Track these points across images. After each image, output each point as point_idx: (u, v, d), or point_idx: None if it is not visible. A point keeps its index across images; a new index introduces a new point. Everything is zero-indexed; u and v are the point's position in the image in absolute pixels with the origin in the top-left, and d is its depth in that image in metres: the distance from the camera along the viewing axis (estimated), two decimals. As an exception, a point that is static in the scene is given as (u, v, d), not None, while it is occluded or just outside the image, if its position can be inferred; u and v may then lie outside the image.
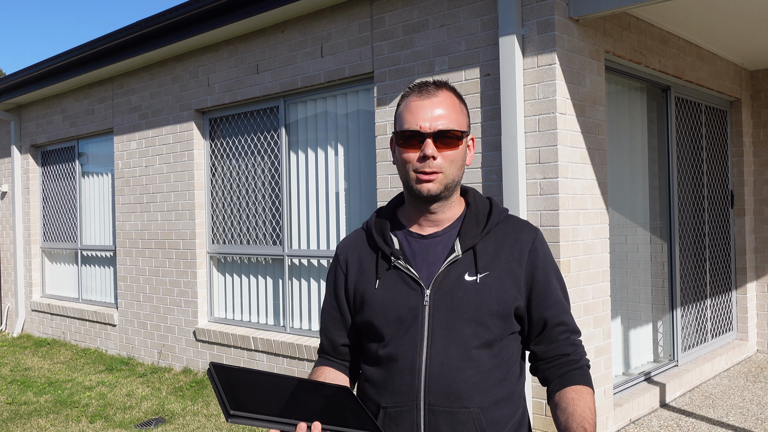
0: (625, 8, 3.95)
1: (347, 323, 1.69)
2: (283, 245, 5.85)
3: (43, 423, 5.09)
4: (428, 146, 1.51)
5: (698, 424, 4.65)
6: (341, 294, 1.68)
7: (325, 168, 5.60)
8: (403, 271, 1.58)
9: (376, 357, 1.60)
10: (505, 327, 1.56)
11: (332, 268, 1.73)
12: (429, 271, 1.57)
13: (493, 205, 1.65)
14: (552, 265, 1.62)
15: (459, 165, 1.56)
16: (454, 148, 1.53)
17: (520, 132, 4.07)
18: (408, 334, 1.54)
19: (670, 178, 5.60)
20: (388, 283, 1.59)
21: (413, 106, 1.55)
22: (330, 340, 1.71)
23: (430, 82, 1.58)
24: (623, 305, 5.31)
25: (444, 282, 1.55)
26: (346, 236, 1.75)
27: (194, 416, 5.11)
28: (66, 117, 8.10)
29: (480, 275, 1.55)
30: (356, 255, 1.67)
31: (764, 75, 6.64)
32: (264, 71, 5.73)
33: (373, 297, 1.59)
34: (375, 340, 1.60)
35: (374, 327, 1.59)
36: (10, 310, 9.31)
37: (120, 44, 6.50)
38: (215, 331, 6.17)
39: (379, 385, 1.58)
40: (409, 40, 4.70)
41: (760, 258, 6.66)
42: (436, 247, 1.59)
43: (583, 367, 1.59)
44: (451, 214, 1.62)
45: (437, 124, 1.52)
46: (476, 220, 1.61)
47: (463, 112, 1.59)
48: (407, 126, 1.54)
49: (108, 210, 7.81)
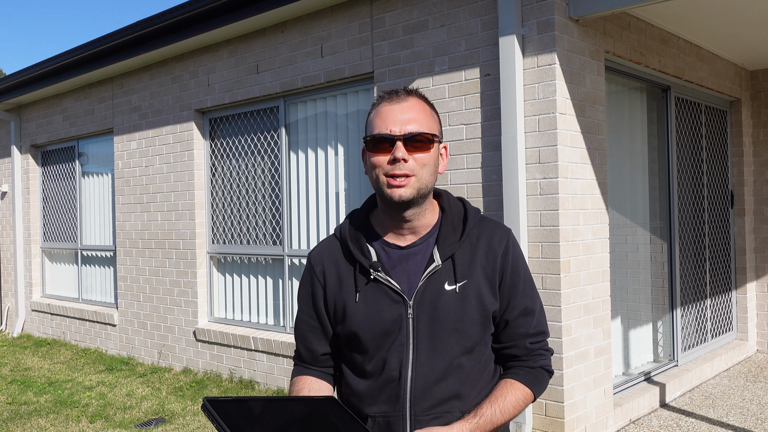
0: (625, 8, 3.96)
1: (328, 334, 1.67)
2: (283, 245, 5.86)
3: (43, 423, 5.09)
4: (398, 149, 1.50)
5: (698, 424, 4.65)
6: (320, 305, 1.66)
7: (325, 168, 5.60)
8: (383, 283, 1.57)
9: (361, 368, 1.60)
10: (484, 332, 1.59)
11: (306, 278, 1.70)
12: (410, 282, 1.57)
13: (467, 210, 1.64)
14: (522, 267, 1.63)
15: (431, 170, 1.54)
16: (426, 151, 1.52)
17: (520, 132, 4.07)
18: (393, 347, 1.55)
19: (670, 178, 5.60)
20: (368, 296, 1.58)
21: (383, 111, 1.54)
22: (309, 350, 1.70)
23: (401, 89, 1.58)
24: (623, 305, 5.31)
25: (425, 293, 1.55)
26: (318, 244, 1.72)
27: (194, 416, 5.11)
28: (66, 117, 8.10)
29: (459, 284, 1.56)
30: (333, 266, 1.65)
31: (764, 75, 6.64)
32: (264, 71, 5.73)
33: (354, 310, 1.58)
34: (359, 352, 1.61)
35: (358, 340, 1.59)
36: (10, 310, 9.31)
37: (120, 44, 6.50)
38: (215, 331, 6.18)
39: (364, 395, 1.59)
40: (409, 40, 4.70)
41: (760, 258, 6.66)
42: (415, 257, 1.59)
43: (533, 368, 1.61)
44: (427, 221, 1.61)
45: (408, 127, 1.51)
46: (452, 226, 1.60)
47: (434, 119, 1.58)
48: (377, 130, 1.53)
49: (108, 210, 7.81)
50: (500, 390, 1.56)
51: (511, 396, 1.55)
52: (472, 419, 1.49)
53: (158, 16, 5.94)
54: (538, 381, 1.61)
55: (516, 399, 1.55)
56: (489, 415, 1.51)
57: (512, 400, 1.55)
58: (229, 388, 5.78)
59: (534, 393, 1.60)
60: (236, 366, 6.04)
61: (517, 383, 1.58)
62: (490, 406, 1.52)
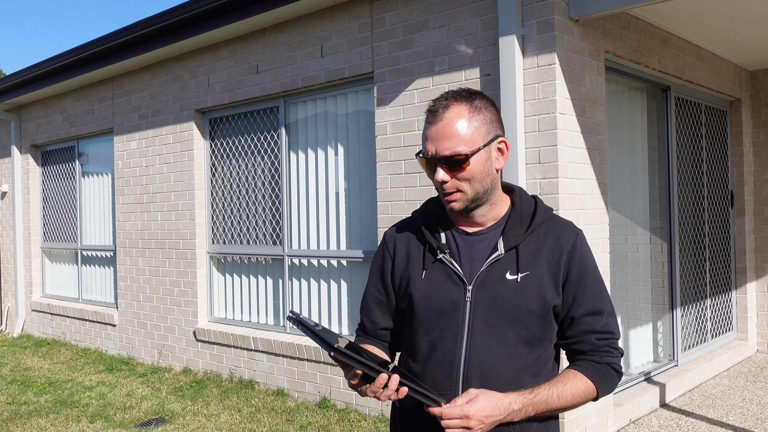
0: (625, 8, 3.95)
1: (392, 307, 1.75)
2: (283, 245, 5.85)
3: (43, 423, 5.09)
4: (438, 173, 1.57)
5: (698, 424, 4.65)
6: (387, 278, 1.74)
7: (325, 168, 5.60)
8: (447, 265, 1.63)
9: (415, 346, 1.66)
10: (544, 326, 1.60)
11: (379, 252, 1.79)
12: (472, 267, 1.62)
13: (537, 205, 1.68)
14: (590, 268, 1.64)
15: (479, 179, 1.58)
16: (463, 170, 1.56)
17: (520, 132, 4.07)
18: (449, 327, 1.60)
19: (670, 178, 5.60)
20: (433, 275, 1.64)
21: (426, 130, 1.60)
22: (372, 321, 1.78)
23: (441, 102, 1.59)
24: (623, 305, 5.31)
25: (486, 279, 1.60)
26: (396, 224, 1.81)
27: (194, 416, 5.11)
28: (66, 117, 8.10)
29: (521, 274, 1.59)
30: (404, 243, 1.73)
31: (764, 75, 6.64)
32: (264, 71, 5.73)
33: (417, 286, 1.65)
34: (416, 329, 1.66)
35: (416, 316, 1.65)
36: (10, 310, 9.31)
37: (120, 44, 6.50)
38: (215, 331, 6.17)
39: (417, 374, 1.64)
40: (409, 40, 4.70)
41: (760, 258, 6.66)
42: (480, 245, 1.64)
43: (599, 363, 1.60)
44: (494, 214, 1.66)
45: (443, 150, 1.55)
46: (520, 219, 1.65)
47: (474, 126, 1.57)
48: (423, 150, 1.60)
49: (108, 210, 7.81)
50: (562, 376, 1.56)
51: (571, 384, 1.55)
52: (528, 394, 1.50)
53: (158, 16, 5.94)
54: (602, 376, 1.59)
55: (576, 388, 1.55)
56: (546, 395, 1.51)
57: (572, 389, 1.54)
58: (229, 388, 5.79)
59: (597, 388, 1.58)
60: (236, 366, 6.04)
61: (580, 374, 1.57)
62: (549, 387, 1.52)
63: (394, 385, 1.44)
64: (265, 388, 5.74)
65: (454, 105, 1.57)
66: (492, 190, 1.62)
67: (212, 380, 6.08)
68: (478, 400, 1.46)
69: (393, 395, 1.46)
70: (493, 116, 1.61)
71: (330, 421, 4.88)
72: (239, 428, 4.80)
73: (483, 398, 1.47)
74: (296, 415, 5.04)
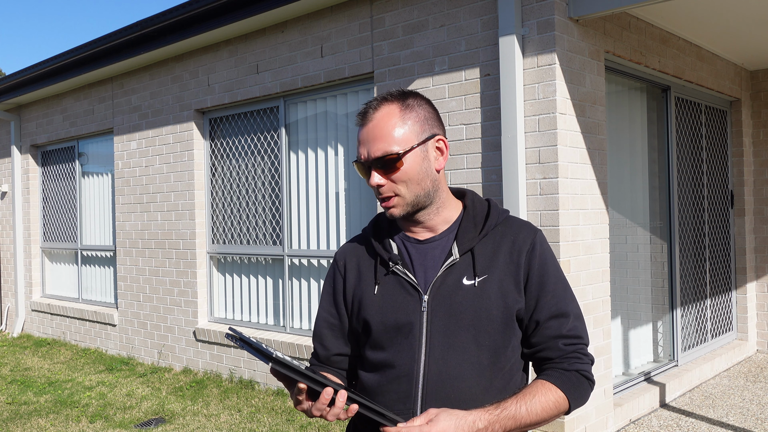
0: (625, 8, 3.95)
1: (345, 330, 1.65)
2: (283, 245, 5.86)
3: (43, 423, 5.09)
4: (373, 176, 1.49)
5: (698, 424, 4.65)
6: (340, 300, 1.65)
7: (325, 168, 5.60)
8: (401, 276, 1.54)
9: (372, 363, 1.56)
10: (507, 333, 1.50)
11: (330, 273, 1.70)
12: (426, 276, 1.53)
13: (491, 207, 1.60)
14: (551, 268, 1.55)
15: (417, 180, 1.50)
16: (397, 170, 1.48)
17: (520, 132, 4.07)
18: (406, 341, 1.50)
19: (670, 178, 5.60)
20: (386, 289, 1.55)
21: (358, 134, 1.54)
22: (325, 348, 1.67)
23: (371, 103, 1.53)
24: (623, 305, 5.31)
25: (442, 287, 1.51)
26: (346, 242, 1.73)
27: (194, 416, 5.11)
28: (66, 117, 8.10)
29: (478, 279, 1.50)
30: (355, 260, 1.64)
31: (764, 75, 6.64)
32: (264, 71, 5.73)
33: (371, 302, 1.56)
34: (371, 346, 1.57)
35: (371, 333, 1.56)
36: (10, 310, 9.31)
37: (120, 44, 6.50)
38: (215, 331, 6.17)
39: (375, 392, 1.54)
40: (409, 40, 4.70)
41: (760, 258, 6.66)
42: (434, 252, 1.55)
43: (568, 370, 1.49)
44: (444, 218, 1.58)
45: (375, 152, 1.48)
46: (474, 222, 1.56)
47: (407, 125, 1.49)
48: (357, 156, 1.56)
49: (108, 210, 7.81)
50: (530, 388, 1.44)
51: (540, 396, 1.42)
52: (493, 410, 1.38)
53: (158, 16, 5.94)
54: (573, 385, 1.47)
55: (546, 400, 1.43)
56: (513, 410, 1.39)
57: (542, 401, 1.42)
58: (229, 388, 5.78)
59: (569, 398, 1.46)
60: (236, 366, 6.04)
61: (549, 383, 1.45)
62: (516, 401, 1.40)
63: (342, 402, 1.31)
64: (265, 388, 5.74)
65: (385, 105, 1.50)
66: (435, 193, 1.53)
67: (212, 380, 6.08)
68: (438, 419, 1.33)
69: (342, 414, 1.33)
70: (428, 114, 1.53)
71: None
72: (239, 428, 4.80)
73: (444, 417, 1.34)
74: (296, 415, 5.04)
